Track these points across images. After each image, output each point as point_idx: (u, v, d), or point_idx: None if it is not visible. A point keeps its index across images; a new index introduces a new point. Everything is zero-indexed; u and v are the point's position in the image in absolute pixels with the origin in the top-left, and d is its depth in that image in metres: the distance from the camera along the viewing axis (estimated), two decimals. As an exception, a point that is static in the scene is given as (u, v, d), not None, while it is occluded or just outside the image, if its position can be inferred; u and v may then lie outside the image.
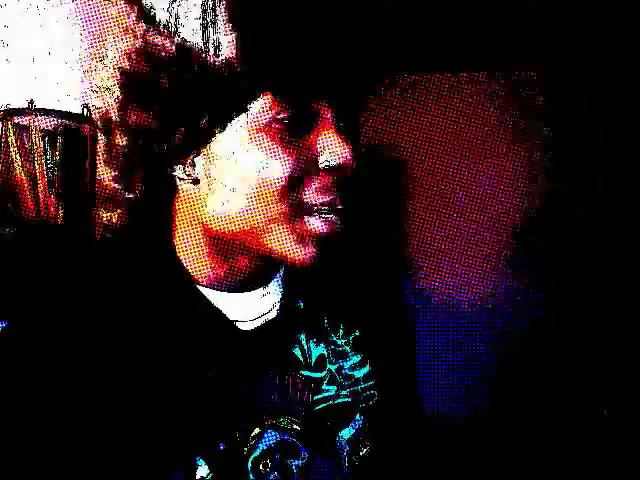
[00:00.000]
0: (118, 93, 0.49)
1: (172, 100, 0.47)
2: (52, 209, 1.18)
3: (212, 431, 0.53)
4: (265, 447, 0.55)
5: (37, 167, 1.16)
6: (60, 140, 1.17)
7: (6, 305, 0.82)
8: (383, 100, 1.18)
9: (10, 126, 1.15)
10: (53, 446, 0.49)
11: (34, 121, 1.17)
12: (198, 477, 0.51)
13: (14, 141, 1.15)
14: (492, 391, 1.12)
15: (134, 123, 0.49)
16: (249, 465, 0.54)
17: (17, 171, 1.15)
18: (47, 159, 1.17)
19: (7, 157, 1.15)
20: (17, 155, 1.15)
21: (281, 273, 0.63)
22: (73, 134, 1.18)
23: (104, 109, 0.50)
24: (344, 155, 0.50)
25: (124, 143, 0.50)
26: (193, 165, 0.52)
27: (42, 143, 1.16)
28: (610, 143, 1.06)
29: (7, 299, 0.93)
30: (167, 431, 0.51)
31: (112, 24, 0.47)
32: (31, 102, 1.17)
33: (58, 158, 1.17)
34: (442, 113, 1.21)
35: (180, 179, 0.53)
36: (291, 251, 0.52)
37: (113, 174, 0.53)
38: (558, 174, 1.12)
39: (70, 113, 1.19)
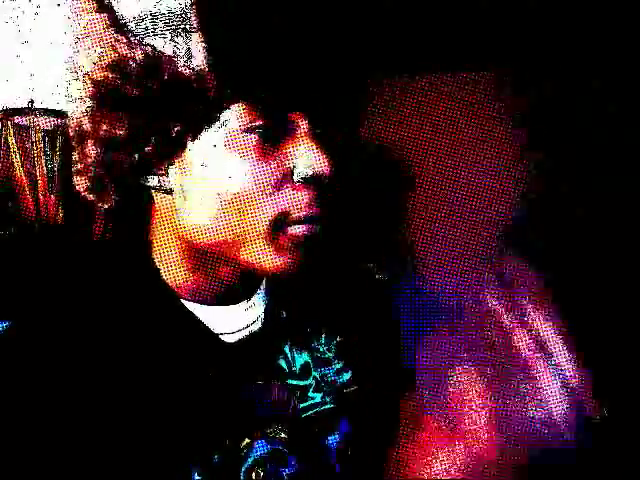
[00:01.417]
0: (90, 103, 0.49)
1: (142, 110, 0.47)
2: (52, 209, 1.19)
3: (202, 443, 0.53)
4: (256, 457, 0.55)
5: (37, 167, 1.17)
6: (60, 140, 1.18)
7: (6, 305, 0.83)
8: (382, 100, 1.16)
9: (10, 126, 1.16)
10: (40, 453, 0.49)
11: (34, 121, 1.17)
12: None
13: (14, 141, 1.16)
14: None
15: (105, 133, 0.48)
16: (241, 476, 0.55)
17: (17, 171, 1.16)
18: (47, 159, 1.17)
19: (7, 157, 1.15)
20: (17, 155, 1.16)
21: (264, 284, 0.63)
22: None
23: (77, 119, 0.50)
24: (320, 165, 0.50)
25: (95, 153, 0.50)
26: (167, 175, 0.51)
27: (42, 143, 1.17)
28: (610, 143, 1.04)
29: (7, 299, 0.94)
30: (157, 443, 0.51)
31: (84, 34, 0.47)
32: (31, 102, 1.18)
33: (58, 158, 1.18)
34: (441, 113, 1.19)
35: (155, 189, 0.53)
36: (268, 262, 0.51)
37: (86, 184, 0.52)
38: (558, 174, 1.11)
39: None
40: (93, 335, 0.52)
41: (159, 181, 0.52)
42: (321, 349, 0.64)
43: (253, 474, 0.55)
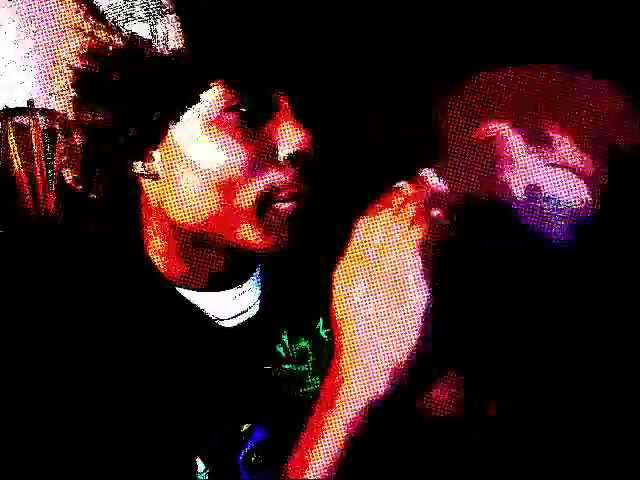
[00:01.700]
0: (72, 93, 0.49)
1: (123, 95, 0.48)
2: (52, 208, 1.19)
3: (202, 429, 0.53)
4: (255, 442, 0.56)
5: (37, 167, 1.17)
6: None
7: (6, 305, 0.83)
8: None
9: (10, 126, 1.16)
10: (42, 446, 0.49)
11: (34, 121, 1.18)
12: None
13: (14, 141, 1.16)
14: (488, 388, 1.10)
15: (89, 121, 0.49)
16: (241, 460, 0.55)
17: (17, 171, 1.16)
18: (47, 159, 1.17)
19: (7, 157, 1.16)
20: (17, 155, 1.16)
21: (258, 270, 0.63)
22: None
23: (62, 111, 0.50)
24: (300, 142, 0.50)
25: (81, 143, 0.51)
26: (152, 160, 0.52)
27: (42, 143, 1.17)
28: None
29: (6, 299, 0.94)
30: (157, 431, 0.51)
31: (62, 23, 0.47)
32: (31, 102, 1.18)
33: (58, 158, 1.18)
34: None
35: (141, 175, 0.53)
36: (254, 240, 0.51)
37: (74, 175, 0.53)
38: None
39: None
40: (91, 327, 0.53)
41: (145, 167, 0.52)
42: (321, 333, 0.64)
43: (252, 459, 0.55)
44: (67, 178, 0.54)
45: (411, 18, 1.08)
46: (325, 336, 0.64)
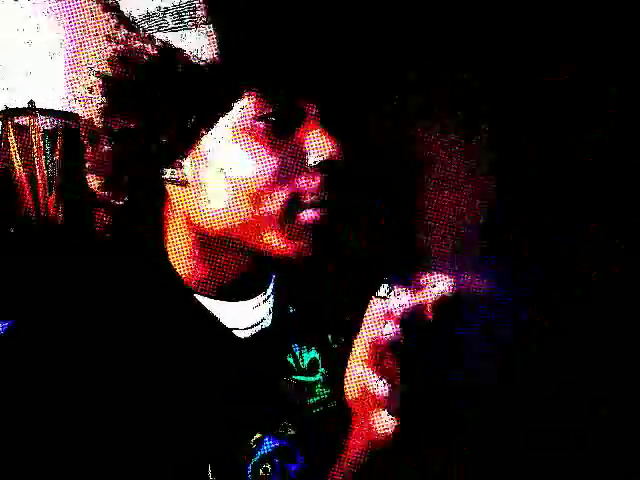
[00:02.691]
0: (101, 100, 0.49)
1: (156, 103, 0.48)
2: (52, 209, 1.18)
3: (213, 437, 0.53)
4: (264, 452, 0.56)
5: (37, 167, 1.17)
6: (60, 140, 1.18)
7: (7, 305, 0.82)
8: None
9: (10, 126, 1.15)
10: (51, 456, 0.48)
11: (34, 121, 1.17)
12: None
13: (14, 141, 1.15)
14: (490, 389, 1.12)
15: (120, 129, 0.49)
16: (249, 470, 0.55)
17: (17, 171, 1.16)
18: (47, 159, 1.17)
19: (7, 157, 1.15)
20: (17, 155, 1.16)
21: (273, 280, 0.63)
22: (73, 134, 1.18)
23: (87, 118, 0.50)
24: (329, 151, 0.51)
25: (110, 150, 0.51)
26: (181, 167, 0.52)
27: (42, 143, 1.16)
28: (610, 142, 1.05)
29: (7, 299, 0.93)
30: (167, 439, 0.51)
31: (93, 32, 0.47)
32: (31, 102, 1.17)
33: (58, 158, 1.17)
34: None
35: (169, 182, 0.53)
36: (280, 246, 0.52)
37: (100, 182, 0.53)
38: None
39: (70, 113, 1.19)
40: (103, 331, 0.52)
41: (173, 173, 0.52)
42: (331, 343, 0.64)
43: (261, 470, 0.55)
44: (92, 184, 0.53)
45: (412, 18, 1.09)
46: (335, 347, 0.65)
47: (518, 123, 1.13)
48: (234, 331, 0.58)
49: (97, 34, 0.47)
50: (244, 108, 0.49)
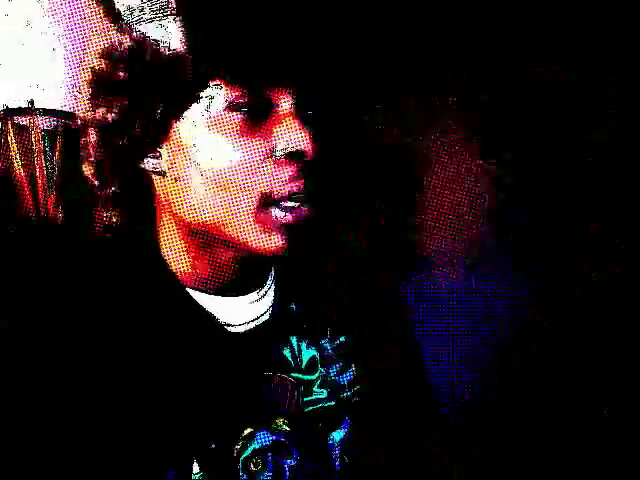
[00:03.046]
0: (88, 91, 0.51)
1: (129, 93, 0.49)
2: (52, 209, 1.18)
3: (203, 431, 0.53)
4: (256, 447, 0.56)
5: (37, 167, 1.17)
6: (60, 140, 1.18)
7: (6, 305, 0.82)
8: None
9: (10, 126, 1.15)
10: (45, 445, 0.49)
11: (34, 121, 1.17)
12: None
13: (14, 141, 1.15)
14: (491, 389, 1.12)
15: (101, 118, 0.51)
16: (240, 464, 0.55)
17: (17, 171, 1.16)
18: (47, 159, 1.17)
19: (7, 157, 1.15)
20: (17, 155, 1.16)
21: (272, 275, 0.63)
22: (73, 134, 1.18)
23: (81, 109, 0.52)
24: (300, 141, 0.51)
25: (95, 139, 0.52)
26: (160, 157, 0.53)
27: (42, 143, 1.16)
28: (610, 143, 1.05)
29: (7, 299, 0.93)
30: (159, 432, 0.51)
31: (87, 25, 0.48)
32: (31, 102, 1.17)
33: (58, 158, 1.17)
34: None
35: (152, 172, 0.54)
36: (256, 241, 0.52)
37: (91, 171, 0.54)
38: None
39: (70, 113, 1.19)
40: (100, 328, 0.53)
41: (154, 163, 0.53)
42: (327, 346, 0.64)
43: (251, 464, 0.55)
44: (86, 173, 0.55)
45: (411, 18, 1.09)
46: (330, 350, 0.65)
47: (518, 123, 1.14)
48: (228, 326, 0.58)
49: (89, 27, 0.49)
50: (215, 98, 0.49)
